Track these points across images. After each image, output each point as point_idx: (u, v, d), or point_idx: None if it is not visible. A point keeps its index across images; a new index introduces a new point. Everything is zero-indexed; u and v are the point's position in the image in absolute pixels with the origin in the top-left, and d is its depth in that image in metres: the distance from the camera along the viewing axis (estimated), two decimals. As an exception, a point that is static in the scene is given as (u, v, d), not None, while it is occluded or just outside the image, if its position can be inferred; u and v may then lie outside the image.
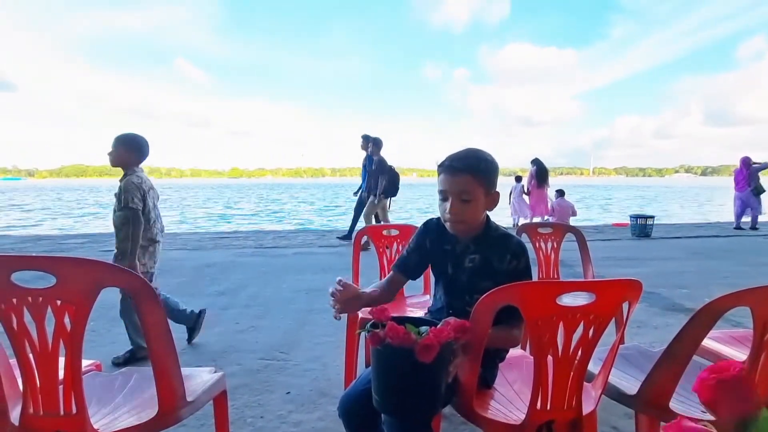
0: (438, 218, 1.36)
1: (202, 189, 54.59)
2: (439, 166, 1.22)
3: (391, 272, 1.40)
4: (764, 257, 5.57)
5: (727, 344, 1.47)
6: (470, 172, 1.15)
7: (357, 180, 6.66)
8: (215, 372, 1.32)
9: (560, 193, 8.57)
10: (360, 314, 1.91)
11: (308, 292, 3.75)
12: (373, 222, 6.20)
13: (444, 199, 1.20)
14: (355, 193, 6.53)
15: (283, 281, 4.18)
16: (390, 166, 6.16)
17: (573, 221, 8.19)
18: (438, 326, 0.97)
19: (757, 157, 7.99)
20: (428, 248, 1.35)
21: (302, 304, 3.40)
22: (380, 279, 2.25)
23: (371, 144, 6.11)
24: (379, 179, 5.98)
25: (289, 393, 1.99)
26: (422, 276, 1.63)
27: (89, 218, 15.86)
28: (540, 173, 8.36)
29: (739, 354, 1.37)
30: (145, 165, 2.34)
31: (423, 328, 0.96)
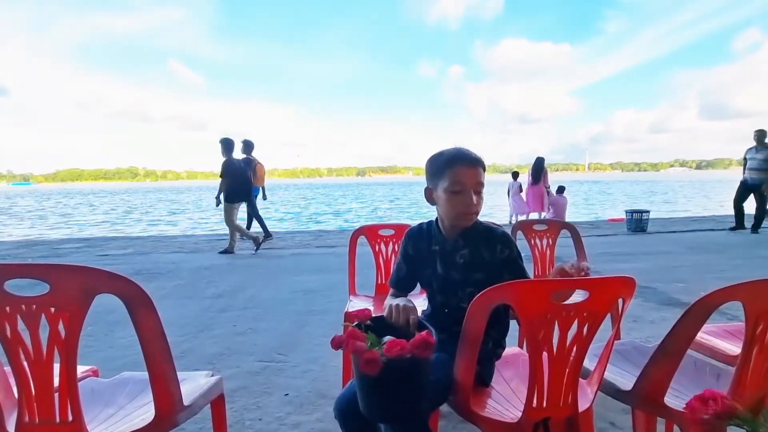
0: (419, 224, 1.37)
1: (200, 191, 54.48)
2: (451, 159, 1.19)
3: (391, 289, 1.42)
4: (759, 250, 5.61)
5: (721, 338, 1.48)
6: (482, 165, 1.21)
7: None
8: (212, 375, 1.32)
9: (560, 189, 8.62)
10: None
11: (306, 293, 3.74)
12: (237, 223, 5.93)
13: (457, 193, 1.18)
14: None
15: (280, 283, 4.18)
16: (241, 171, 5.86)
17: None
18: (401, 338, 0.93)
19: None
20: (412, 254, 1.36)
21: (300, 306, 3.39)
22: (376, 279, 2.27)
23: (221, 146, 5.86)
24: (222, 183, 5.77)
25: (287, 395, 1.99)
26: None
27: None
28: (534, 170, 8.41)
29: (733, 347, 1.38)
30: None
31: (386, 338, 0.94)
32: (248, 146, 6.53)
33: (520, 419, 1.03)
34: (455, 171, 1.18)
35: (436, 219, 1.33)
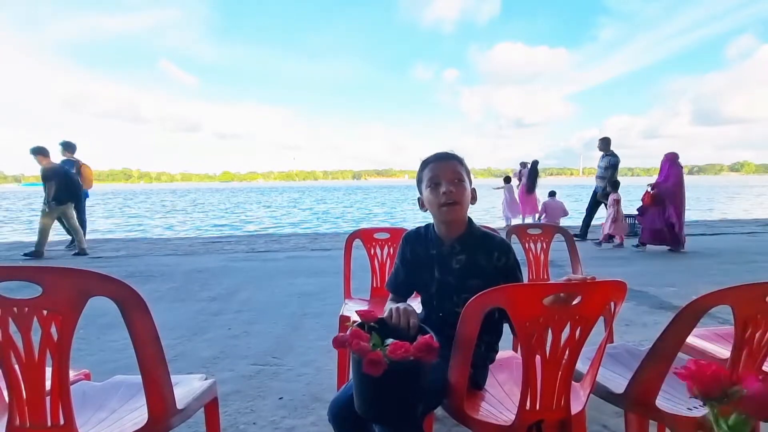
0: (417, 228, 1.38)
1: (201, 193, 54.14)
2: (425, 161, 1.30)
3: (390, 294, 1.43)
4: (749, 255, 5.68)
5: (711, 341, 1.50)
6: (457, 160, 1.27)
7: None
8: (206, 379, 1.32)
9: (552, 194, 8.67)
10: (352, 317, 1.91)
11: (301, 296, 3.73)
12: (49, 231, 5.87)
13: (436, 186, 1.24)
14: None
15: (275, 286, 4.16)
16: (64, 172, 5.86)
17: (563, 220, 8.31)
18: (402, 341, 0.94)
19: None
20: (410, 258, 1.36)
21: (295, 309, 3.39)
22: (372, 282, 2.27)
23: (35, 155, 5.80)
24: (47, 186, 5.72)
25: (282, 398, 1.98)
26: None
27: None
28: (531, 177, 8.55)
29: (723, 350, 1.39)
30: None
31: (388, 340, 0.95)
32: (69, 147, 6.42)
33: (513, 422, 1.04)
34: (431, 167, 1.27)
35: (434, 224, 1.34)
